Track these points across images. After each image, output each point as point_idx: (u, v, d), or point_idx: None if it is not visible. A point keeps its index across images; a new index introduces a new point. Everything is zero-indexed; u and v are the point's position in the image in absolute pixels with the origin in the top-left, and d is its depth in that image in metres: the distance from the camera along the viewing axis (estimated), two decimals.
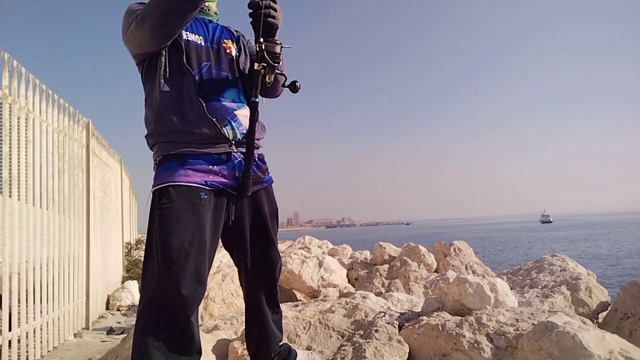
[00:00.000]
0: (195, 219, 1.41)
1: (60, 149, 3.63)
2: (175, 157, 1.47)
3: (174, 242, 1.37)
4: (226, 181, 1.51)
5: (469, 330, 1.94)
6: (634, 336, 2.16)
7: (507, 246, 35.78)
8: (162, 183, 1.44)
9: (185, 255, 1.37)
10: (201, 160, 1.48)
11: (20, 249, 2.85)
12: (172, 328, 1.36)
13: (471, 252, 5.02)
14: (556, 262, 3.76)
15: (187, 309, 1.37)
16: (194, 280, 1.38)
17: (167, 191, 1.42)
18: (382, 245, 4.96)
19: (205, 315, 3.44)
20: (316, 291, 3.92)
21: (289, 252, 4.51)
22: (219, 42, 1.65)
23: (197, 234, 1.41)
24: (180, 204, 1.41)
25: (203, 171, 1.47)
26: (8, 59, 2.81)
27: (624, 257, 22.17)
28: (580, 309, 2.95)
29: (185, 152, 1.47)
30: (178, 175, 1.44)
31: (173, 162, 1.46)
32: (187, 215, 1.40)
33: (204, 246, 1.42)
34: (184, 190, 1.43)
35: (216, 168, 1.49)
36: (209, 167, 1.48)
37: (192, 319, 1.39)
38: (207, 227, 1.45)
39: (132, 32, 1.45)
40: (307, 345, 2.17)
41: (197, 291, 1.39)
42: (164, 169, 1.47)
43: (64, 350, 3.35)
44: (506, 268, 4.86)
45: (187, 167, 1.46)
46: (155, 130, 1.50)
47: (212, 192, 1.48)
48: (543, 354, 1.60)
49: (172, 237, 1.37)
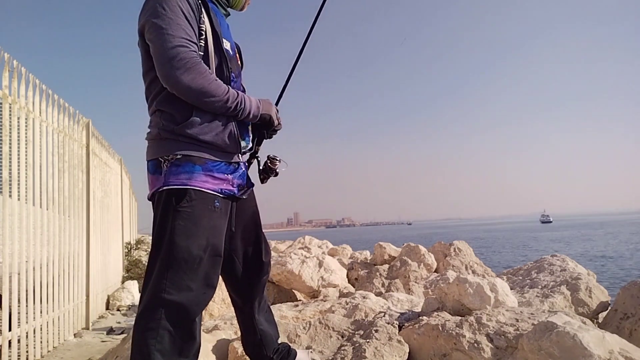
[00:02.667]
0: (211, 226, 1.43)
1: (60, 149, 3.63)
2: (197, 160, 1.44)
3: (191, 247, 1.37)
4: (234, 189, 1.53)
5: (469, 330, 1.94)
6: (634, 336, 2.16)
7: (507, 246, 35.79)
8: (182, 185, 1.41)
9: (200, 260, 1.38)
10: (220, 168, 1.49)
11: (20, 249, 2.84)
12: (175, 330, 1.34)
13: (471, 252, 5.02)
14: (556, 262, 3.76)
15: (194, 312, 1.37)
16: (204, 284, 1.40)
17: (188, 194, 1.40)
18: (382, 245, 4.97)
19: (205, 315, 3.45)
20: (316, 291, 3.93)
21: (289, 252, 4.51)
22: (236, 49, 1.68)
23: (211, 241, 1.42)
24: (199, 209, 1.41)
25: (220, 179, 1.48)
26: (8, 59, 2.81)
27: (624, 258, 22.17)
28: (580, 309, 2.95)
29: (206, 158, 1.46)
30: (199, 179, 1.43)
31: (195, 165, 1.43)
32: (204, 222, 1.41)
33: (216, 253, 1.45)
34: (203, 196, 1.43)
35: (230, 177, 1.51)
36: (225, 175, 1.50)
37: (197, 319, 1.40)
38: (220, 235, 1.48)
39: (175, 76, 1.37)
40: (307, 345, 2.17)
41: (206, 294, 1.41)
42: (183, 169, 1.43)
43: (64, 350, 3.35)
44: (506, 268, 4.87)
45: (207, 172, 1.45)
46: (181, 131, 1.43)
47: (223, 200, 1.50)
48: (543, 354, 1.60)
49: (189, 241, 1.37)
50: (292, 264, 3.98)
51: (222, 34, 1.54)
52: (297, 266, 3.96)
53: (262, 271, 1.71)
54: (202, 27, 1.47)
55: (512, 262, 19.79)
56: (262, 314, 1.74)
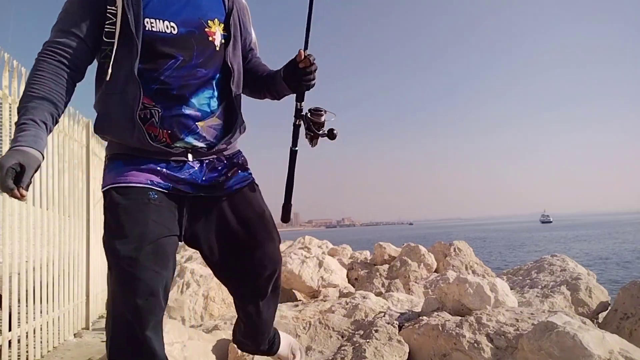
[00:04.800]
0: (143, 222, 1.22)
1: (60, 149, 3.63)
2: (121, 157, 1.30)
3: (120, 249, 1.18)
4: (179, 186, 1.31)
5: (469, 330, 1.94)
6: (634, 336, 2.16)
7: (507, 246, 35.79)
8: (108, 184, 1.28)
9: (132, 263, 1.17)
10: (149, 161, 1.28)
11: (20, 249, 2.85)
12: (127, 345, 1.19)
13: (471, 252, 5.02)
14: (556, 262, 3.76)
15: (140, 322, 1.18)
16: (144, 291, 1.18)
17: (110, 194, 1.26)
18: (382, 245, 4.97)
19: (205, 315, 3.45)
20: (316, 291, 3.93)
21: (289, 252, 4.52)
22: (200, 26, 1.31)
23: (144, 238, 1.20)
24: (124, 207, 1.23)
25: (151, 171, 1.28)
26: (8, 59, 2.81)
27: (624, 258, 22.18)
28: (580, 309, 2.95)
29: (132, 155, 1.28)
30: (123, 175, 1.26)
31: (118, 161, 1.29)
32: (132, 220, 1.21)
33: (155, 251, 1.21)
34: (129, 191, 1.24)
35: (165, 171, 1.29)
36: (157, 167, 1.29)
37: (149, 332, 1.19)
38: (157, 230, 1.23)
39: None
40: (307, 345, 2.17)
41: (149, 301, 1.18)
42: (110, 169, 1.31)
43: (64, 350, 3.35)
44: (506, 268, 4.86)
45: (133, 166, 1.27)
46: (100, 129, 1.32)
47: (164, 194, 1.28)
48: (543, 354, 1.60)
49: (117, 243, 1.19)
50: (292, 264, 3.98)
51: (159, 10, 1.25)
52: (297, 266, 3.96)
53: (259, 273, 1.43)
54: (113, 9, 1.22)
55: (512, 262, 19.79)
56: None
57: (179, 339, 2.26)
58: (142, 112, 1.25)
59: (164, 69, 1.25)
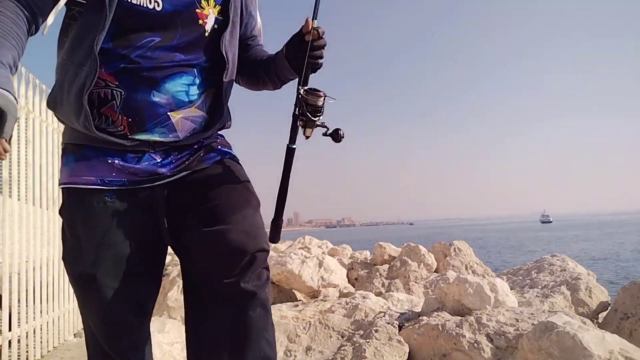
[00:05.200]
0: (100, 232, 1.05)
1: (61, 149, 3.64)
2: (71, 149, 1.11)
3: (74, 269, 1.07)
4: (138, 178, 1.09)
5: (469, 330, 1.95)
6: (634, 336, 2.16)
7: (507, 246, 35.80)
8: (60, 183, 1.11)
9: (90, 279, 1.03)
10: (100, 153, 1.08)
11: (20, 249, 2.85)
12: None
13: (471, 252, 5.02)
14: (556, 262, 3.77)
15: (111, 345, 1.09)
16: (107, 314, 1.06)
17: (63, 197, 1.10)
18: (382, 245, 4.97)
19: None
20: (316, 291, 3.93)
21: (288, 252, 4.52)
22: (190, 4, 1.08)
23: (101, 253, 1.04)
24: (74, 214, 1.07)
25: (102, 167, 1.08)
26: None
27: (624, 258, 22.18)
28: (580, 309, 2.95)
29: (83, 145, 1.09)
30: (74, 174, 1.08)
31: (69, 155, 1.11)
32: (87, 232, 1.05)
33: (116, 264, 1.06)
34: (82, 195, 1.07)
35: (118, 162, 1.08)
36: (108, 160, 1.08)
37: (125, 353, 1.10)
38: (117, 239, 1.06)
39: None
40: (307, 345, 2.18)
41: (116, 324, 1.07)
42: (62, 162, 1.12)
43: (64, 350, 3.35)
44: (506, 268, 4.87)
45: (84, 161, 1.08)
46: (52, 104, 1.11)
47: (124, 191, 1.08)
48: (543, 354, 1.60)
49: (71, 260, 1.07)
50: (292, 264, 3.98)
51: None
52: (297, 266, 3.96)
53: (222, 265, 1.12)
54: None
55: (512, 262, 19.79)
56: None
57: (179, 339, 2.26)
58: (102, 90, 1.03)
59: (136, 47, 1.03)
